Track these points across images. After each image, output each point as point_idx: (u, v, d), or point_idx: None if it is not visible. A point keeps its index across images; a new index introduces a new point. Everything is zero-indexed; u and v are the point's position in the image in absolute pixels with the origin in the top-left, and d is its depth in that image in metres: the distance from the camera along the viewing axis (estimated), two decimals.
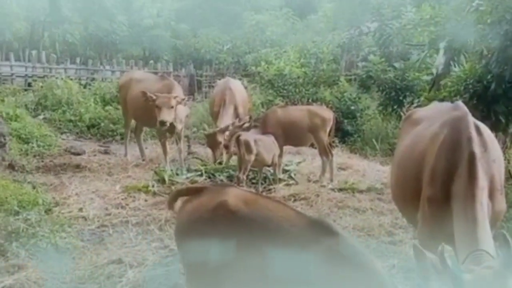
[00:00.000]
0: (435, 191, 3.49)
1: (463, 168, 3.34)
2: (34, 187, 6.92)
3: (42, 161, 8.75)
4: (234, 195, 2.81)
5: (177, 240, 3.09)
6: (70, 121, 11.54)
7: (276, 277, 2.45)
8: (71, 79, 14.05)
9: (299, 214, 2.73)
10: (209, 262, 2.64)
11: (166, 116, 7.87)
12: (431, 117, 4.16)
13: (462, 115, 3.74)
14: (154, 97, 7.94)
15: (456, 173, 3.36)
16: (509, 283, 2.65)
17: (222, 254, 2.61)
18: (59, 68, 16.17)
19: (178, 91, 8.69)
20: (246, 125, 8.41)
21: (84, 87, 13.94)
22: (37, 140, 9.43)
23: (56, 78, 13.67)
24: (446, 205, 3.31)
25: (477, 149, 3.40)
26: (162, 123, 7.88)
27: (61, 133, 10.91)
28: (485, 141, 3.53)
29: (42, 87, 12.95)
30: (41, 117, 11.53)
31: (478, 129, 3.57)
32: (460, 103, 4.17)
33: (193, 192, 3.12)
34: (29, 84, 14.85)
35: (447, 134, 3.62)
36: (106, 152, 9.81)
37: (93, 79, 15.89)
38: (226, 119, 9.14)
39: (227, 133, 8.49)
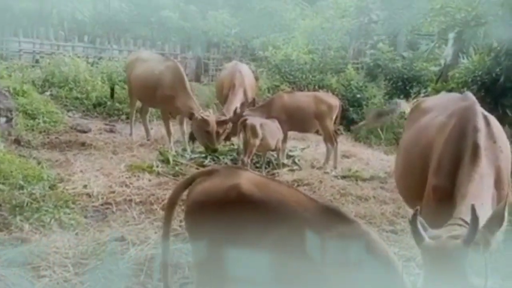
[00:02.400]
0: (441, 180, 3.49)
1: (467, 157, 3.34)
2: (39, 163, 6.96)
3: (48, 138, 8.80)
4: (247, 178, 2.77)
5: (187, 221, 3.07)
6: (77, 98, 11.56)
7: (287, 261, 2.43)
8: (79, 57, 14.03)
9: (312, 199, 2.69)
10: (219, 245, 2.63)
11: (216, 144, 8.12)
12: (440, 107, 4.15)
13: (470, 105, 3.73)
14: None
15: (461, 163, 3.36)
16: (466, 256, 2.67)
17: (232, 237, 2.59)
18: (67, 46, 16.14)
19: (181, 73, 8.67)
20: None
21: (92, 65, 13.92)
22: (43, 116, 9.46)
23: (64, 55, 13.65)
24: (450, 194, 3.32)
25: (482, 139, 3.40)
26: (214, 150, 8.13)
27: (68, 111, 10.94)
28: (493, 132, 3.52)
29: (49, 64, 12.93)
30: (48, 93, 11.53)
31: (486, 119, 3.55)
32: (469, 93, 4.15)
33: (205, 174, 3.08)
34: (37, 61, 14.84)
35: (454, 124, 3.62)
36: (111, 131, 9.86)
37: (100, 57, 15.86)
38: (235, 103, 9.13)
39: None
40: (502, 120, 7.47)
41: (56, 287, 4.07)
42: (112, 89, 11.53)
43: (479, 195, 3.21)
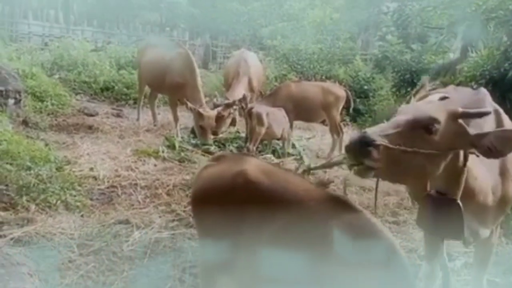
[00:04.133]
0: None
1: None
2: (46, 144, 7.02)
3: (56, 120, 8.86)
4: (254, 165, 2.76)
5: (194, 206, 3.06)
6: (85, 82, 11.61)
7: (292, 249, 2.41)
8: (88, 41, 14.07)
9: (318, 188, 2.68)
10: (224, 230, 2.62)
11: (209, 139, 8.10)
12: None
13: (482, 97, 3.71)
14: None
15: None
16: None
17: (238, 223, 2.58)
18: (76, 30, 16.18)
19: (192, 61, 8.69)
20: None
21: (100, 49, 13.96)
22: (51, 99, 9.52)
23: (73, 39, 13.69)
24: None
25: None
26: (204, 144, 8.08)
27: (76, 94, 10.99)
28: (502, 120, 3.49)
29: (58, 47, 12.99)
30: (56, 76, 11.59)
31: (496, 111, 3.53)
32: (482, 89, 4.13)
33: (212, 160, 3.08)
34: (46, 44, 14.89)
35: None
36: (118, 115, 9.91)
37: (109, 42, 15.89)
38: (239, 91, 9.16)
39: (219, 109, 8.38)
40: (509, 115, 7.47)
41: (61, 267, 4.13)
42: None
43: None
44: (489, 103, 3.61)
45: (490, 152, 2.68)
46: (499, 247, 5.49)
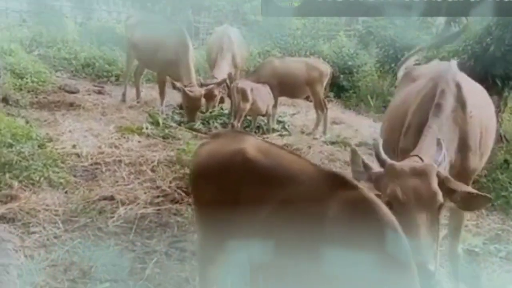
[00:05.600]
0: (407, 144, 3.55)
1: (429, 116, 3.41)
2: (27, 122, 6.93)
3: (36, 97, 8.72)
4: (252, 144, 2.78)
5: (191, 183, 3.08)
6: (65, 59, 11.39)
7: (289, 227, 2.42)
8: (67, 17, 13.79)
9: (315, 166, 2.68)
10: (221, 208, 2.62)
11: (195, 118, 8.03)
12: (426, 75, 4.19)
13: (446, 70, 3.78)
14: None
15: (426, 125, 3.41)
16: (434, 172, 2.82)
17: (235, 200, 2.59)
18: (55, 5, 15.81)
19: (186, 37, 8.56)
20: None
21: (80, 26, 13.69)
22: (31, 76, 9.34)
23: (52, 15, 13.39)
24: None
25: (447, 101, 3.45)
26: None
27: (56, 71, 10.78)
28: (463, 97, 3.55)
29: (37, 23, 12.70)
30: (35, 53, 11.36)
31: (458, 85, 3.59)
32: (453, 61, 4.19)
33: (211, 137, 3.11)
34: (24, 20, 14.55)
35: (427, 89, 3.69)
36: (100, 92, 9.77)
37: (89, 18, 15.58)
38: (223, 68, 9.09)
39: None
40: (491, 90, 7.53)
41: (46, 243, 4.11)
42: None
43: (434, 137, 3.25)
44: (451, 75, 3.68)
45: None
46: (480, 218, 5.62)
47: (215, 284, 3.00)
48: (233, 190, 2.61)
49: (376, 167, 2.90)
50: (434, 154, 3.09)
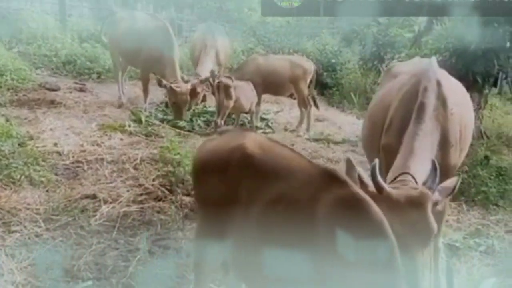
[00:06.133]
0: (389, 139, 3.62)
1: (413, 116, 3.46)
2: (7, 120, 6.80)
3: (16, 95, 8.55)
4: (253, 140, 2.85)
5: (193, 176, 3.15)
6: (45, 56, 11.21)
7: (284, 220, 2.47)
8: (47, 14, 13.59)
9: (312, 163, 2.75)
10: (220, 202, 2.71)
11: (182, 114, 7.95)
12: (407, 71, 4.24)
13: (427, 68, 3.83)
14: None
15: (409, 122, 3.47)
16: (429, 200, 2.83)
17: (233, 195, 2.66)
18: (35, 1, 15.59)
19: (170, 34, 8.49)
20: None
21: (61, 22, 13.50)
22: (11, 74, 9.15)
23: (32, 11, 13.20)
24: (397, 153, 3.40)
25: (431, 99, 3.50)
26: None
27: (36, 68, 10.61)
28: (444, 95, 3.62)
29: (16, 20, 12.50)
30: (15, 50, 11.16)
31: (439, 82, 3.65)
32: (433, 58, 4.26)
33: (216, 134, 3.24)
34: (4, 16, 14.30)
35: (409, 85, 3.74)
36: (81, 90, 9.61)
37: (70, 15, 15.38)
38: (207, 65, 9.05)
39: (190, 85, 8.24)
40: (472, 87, 7.64)
41: (27, 242, 4.06)
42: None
43: (424, 148, 3.31)
44: (432, 72, 3.74)
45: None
46: (460, 213, 5.71)
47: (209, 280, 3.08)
48: (232, 184, 2.69)
49: (371, 184, 2.88)
50: (425, 170, 3.12)
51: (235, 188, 2.67)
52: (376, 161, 2.92)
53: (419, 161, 3.24)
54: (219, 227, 2.75)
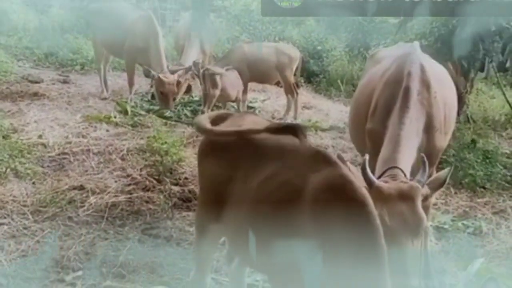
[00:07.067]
0: (374, 124, 3.63)
1: (399, 102, 3.47)
2: None
3: None
4: (251, 122, 3.02)
5: (198, 157, 3.28)
6: (27, 48, 11.04)
7: (277, 195, 2.55)
8: (27, 5, 13.34)
9: (305, 144, 2.80)
10: (221, 180, 2.86)
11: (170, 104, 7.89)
12: (390, 56, 4.24)
13: (410, 52, 3.84)
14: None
15: (393, 107, 3.49)
16: (419, 195, 2.87)
17: (231, 173, 2.82)
18: None
19: (155, 24, 8.38)
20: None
21: (41, 13, 13.28)
22: None
23: (12, 2, 12.94)
24: (382, 138, 3.43)
25: (414, 84, 3.52)
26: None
27: (18, 60, 10.45)
28: (427, 79, 3.63)
29: None
30: None
31: (422, 67, 3.66)
32: (416, 43, 4.27)
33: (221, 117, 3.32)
34: None
35: (393, 70, 3.75)
36: (65, 82, 9.48)
37: (50, 6, 15.13)
38: (191, 54, 8.96)
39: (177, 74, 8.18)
40: (457, 72, 7.68)
41: (15, 234, 4.02)
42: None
43: (410, 138, 3.33)
44: (415, 56, 3.75)
45: None
46: (448, 196, 5.77)
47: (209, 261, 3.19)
48: (231, 164, 2.83)
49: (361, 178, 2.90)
50: (412, 163, 3.17)
51: (234, 168, 2.81)
52: (366, 156, 2.97)
53: (407, 150, 3.28)
54: (218, 207, 2.87)
